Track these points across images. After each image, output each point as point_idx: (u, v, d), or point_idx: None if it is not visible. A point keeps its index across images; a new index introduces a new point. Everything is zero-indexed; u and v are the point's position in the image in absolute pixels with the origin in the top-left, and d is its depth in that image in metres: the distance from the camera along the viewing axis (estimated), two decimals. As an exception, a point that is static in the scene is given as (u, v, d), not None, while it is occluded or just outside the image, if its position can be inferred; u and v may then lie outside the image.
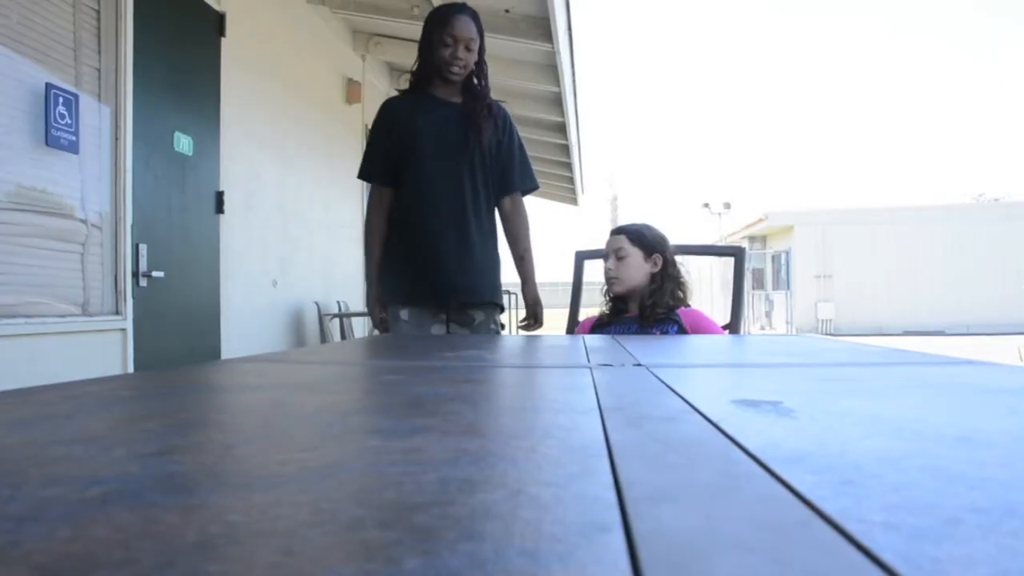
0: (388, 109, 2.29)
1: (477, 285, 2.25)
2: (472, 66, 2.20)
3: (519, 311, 2.61)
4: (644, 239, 2.25)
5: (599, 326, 2.30)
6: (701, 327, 2.17)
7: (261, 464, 0.40)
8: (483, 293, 2.26)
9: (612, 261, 2.25)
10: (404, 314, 2.20)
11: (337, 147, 5.90)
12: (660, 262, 2.22)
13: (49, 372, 2.65)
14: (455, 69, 2.18)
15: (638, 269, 2.22)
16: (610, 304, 2.31)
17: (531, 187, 2.37)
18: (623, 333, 2.17)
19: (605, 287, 2.32)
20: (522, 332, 2.37)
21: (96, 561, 0.24)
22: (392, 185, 2.25)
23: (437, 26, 2.17)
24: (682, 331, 2.15)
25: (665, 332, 2.15)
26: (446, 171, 2.21)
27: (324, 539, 0.26)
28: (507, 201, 2.31)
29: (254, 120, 4.34)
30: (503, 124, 2.28)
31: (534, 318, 2.34)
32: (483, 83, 2.26)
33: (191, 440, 0.47)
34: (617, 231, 2.31)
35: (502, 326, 2.36)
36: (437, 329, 2.23)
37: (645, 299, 2.20)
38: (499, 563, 0.24)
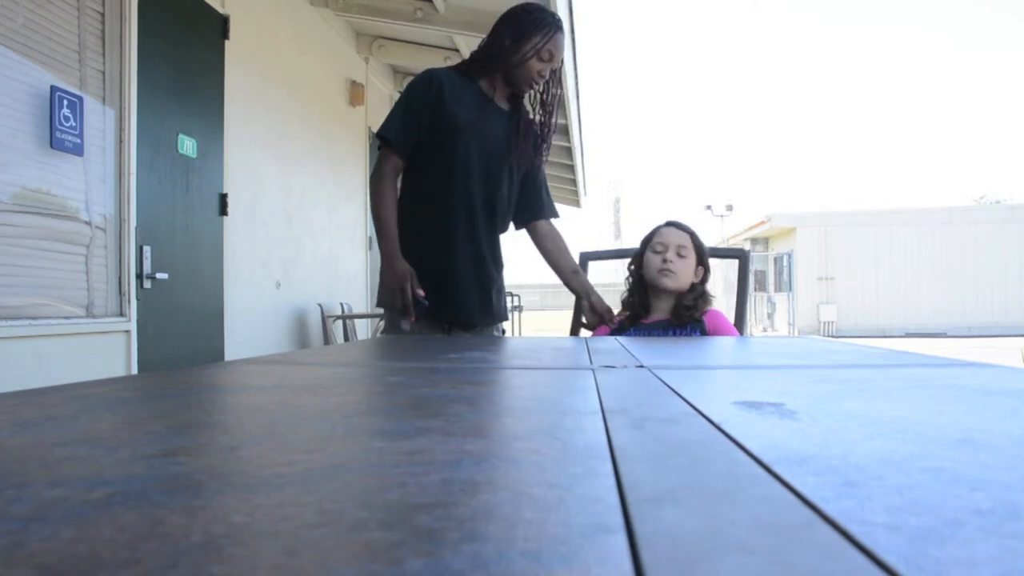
0: (439, 81, 2.04)
1: (500, 309, 2.18)
2: None
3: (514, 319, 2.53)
4: (701, 250, 2.23)
5: (618, 332, 2.22)
6: (721, 329, 2.16)
7: (265, 465, 0.40)
8: (503, 316, 2.20)
9: (672, 254, 2.18)
10: (406, 325, 2.00)
11: (340, 149, 5.91)
12: (702, 275, 2.23)
13: (53, 374, 2.66)
14: (535, 85, 2.10)
15: (688, 273, 2.19)
16: (633, 301, 2.25)
17: (556, 215, 2.33)
18: (646, 336, 2.14)
19: (629, 283, 2.26)
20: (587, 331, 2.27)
21: (100, 562, 0.25)
22: (407, 160, 2.05)
23: (538, 32, 2.02)
24: (704, 333, 2.14)
25: (688, 335, 2.14)
26: (484, 179, 2.07)
27: (327, 540, 0.26)
28: (544, 224, 2.26)
29: (258, 122, 4.36)
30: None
31: (605, 315, 2.22)
32: (552, 102, 2.19)
33: (195, 441, 0.48)
34: (680, 227, 2.25)
35: (503, 331, 2.33)
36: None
37: (685, 300, 2.18)
38: (502, 564, 0.24)
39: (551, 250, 2.27)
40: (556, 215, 2.31)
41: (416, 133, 2.03)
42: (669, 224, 2.27)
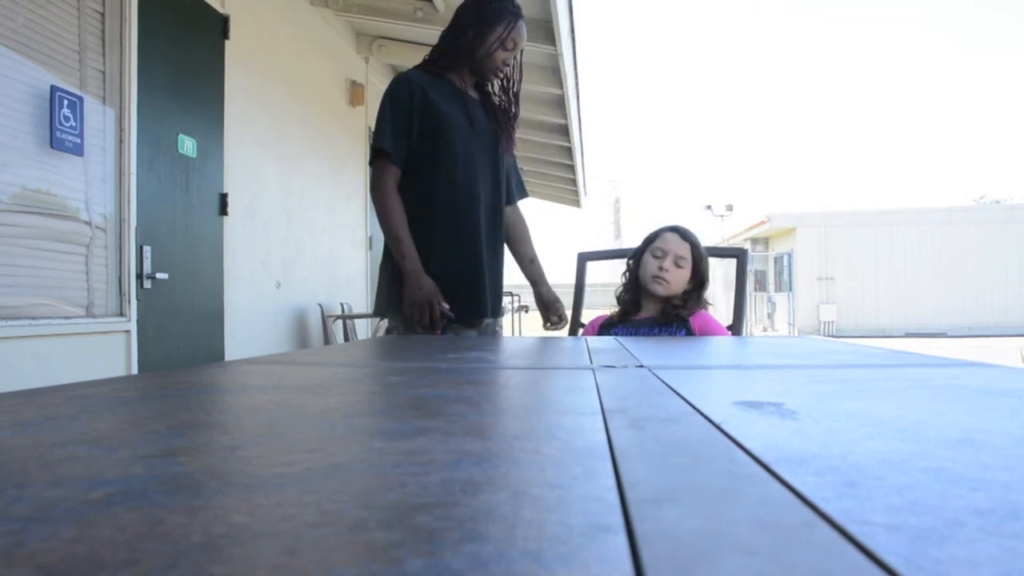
0: (419, 84, 2.04)
1: (502, 301, 2.22)
2: None
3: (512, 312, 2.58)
4: (700, 262, 2.22)
5: (608, 327, 2.29)
6: (709, 330, 2.18)
7: (265, 465, 0.40)
8: (501, 309, 2.24)
9: (669, 263, 2.18)
10: (420, 330, 2.01)
11: (340, 149, 5.91)
12: (694, 283, 2.24)
13: (54, 373, 2.66)
14: (501, 73, 2.12)
15: (682, 282, 2.21)
16: (626, 298, 2.28)
17: (526, 195, 2.36)
18: (632, 334, 2.17)
19: (621, 286, 2.29)
20: (549, 330, 2.33)
21: (100, 562, 0.25)
22: (402, 168, 2.05)
23: (501, 23, 2.05)
24: (690, 333, 2.16)
25: (673, 334, 2.16)
26: (483, 171, 2.10)
27: (327, 540, 0.26)
28: (510, 209, 2.29)
29: (258, 122, 4.36)
30: None
31: (559, 316, 2.29)
32: (518, 89, 2.22)
33: (195, 441, 0.48)
34: (685, 235, 2.24)
35: (500, 327, 2.35)
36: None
37: (674, 300, 2.20)
38: (502, 564, 0.24)
39: (512, 236, 2.30)
40: (526, 195, 2.34)
41: (409, 140, 2.03)
42: (674, 230, 2.27)
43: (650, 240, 2.27)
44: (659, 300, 2.22)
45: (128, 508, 0.31)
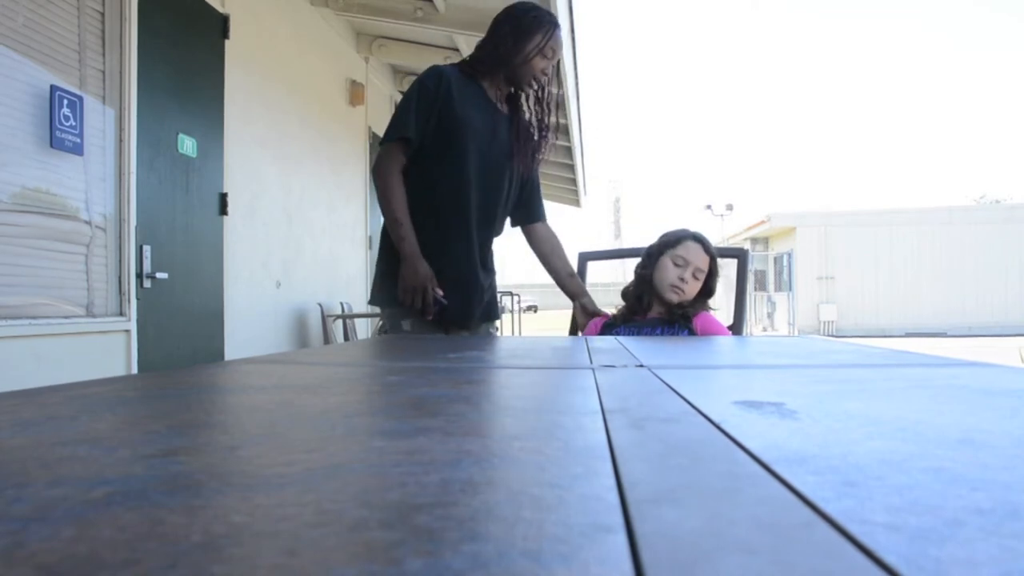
0: (447, 79, 2.03)
1: (493, 310, 2.21)
2: None
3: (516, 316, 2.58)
4: (713, 276, 2.23)
5: (610, 327, 2.28)
6: (710, 330, 2.18)
7: (265, 465, 0.40)
8: (496, 316, 2.25)
9: (688, 274, 2.17)
10: (407, 325, 2.02)
11: (340, 149, 5.91)
12: (700, 293, 2.24)
13: (54, 373, 2.66)
14: (536, 84, 2.11)
15: (694, 292, 2.21)
16: (635, 298, 2.27)
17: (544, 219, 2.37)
18: (635, 333, 2.17)
19: (633, 285, 2.28)
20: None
21: (100, 562, 0.25)
22: (410, 158, 2.03)
23: (539, 32, 2.05)
24: (692, 334, 2.16)
25: (675, 334, 2.16)
26: (488, 182, 2.08)
27: (327, 540, 0.26)
28: (542, 227, 2.29)
29: (258, 122, 4.35)
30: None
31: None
32: (552, 99, 2.21)
33: (195, 441, 0.48)
34: (707, 248, 2.23)
35: (497, 328, 2.35)
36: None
37: (683, 303, 2.21)
38: (502, 564, 0.24)
39: (548, 253, 2.29)
40: (545, 217, 2.34)
41: (425, 130, 2.01)
42: (697, 240, 2.23)
43: (670, 244, 2.23)
44: (664, 304, 2.22)
45: (128, 508, 0.31)
